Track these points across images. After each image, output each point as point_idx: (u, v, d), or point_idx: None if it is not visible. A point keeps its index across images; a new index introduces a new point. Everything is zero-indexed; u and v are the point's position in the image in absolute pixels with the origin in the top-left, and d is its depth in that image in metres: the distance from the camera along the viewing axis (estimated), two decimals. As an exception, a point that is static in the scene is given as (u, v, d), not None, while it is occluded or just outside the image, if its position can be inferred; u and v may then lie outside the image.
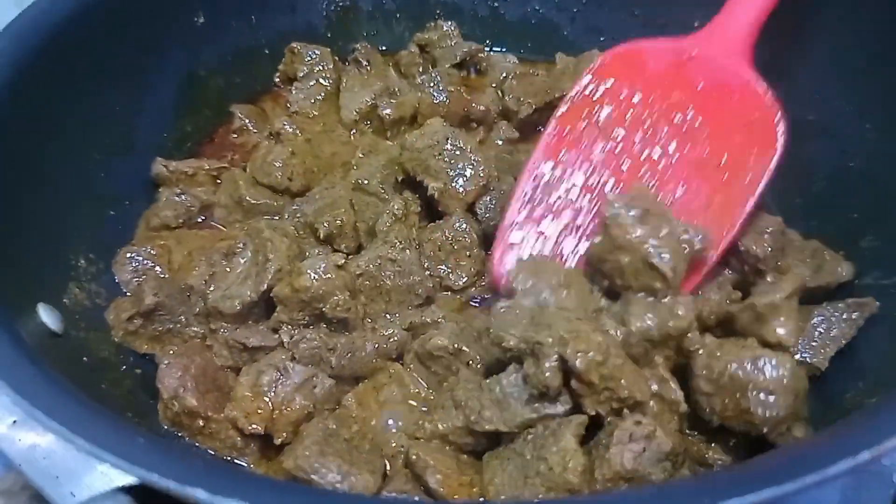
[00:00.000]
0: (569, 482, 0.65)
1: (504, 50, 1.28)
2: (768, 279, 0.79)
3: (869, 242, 0.86)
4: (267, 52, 1.21)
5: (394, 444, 0.77)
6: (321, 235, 0.92)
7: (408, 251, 0.88)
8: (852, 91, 0.93)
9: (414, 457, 0.71)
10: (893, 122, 0.86)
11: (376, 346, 0.84)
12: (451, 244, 0.92)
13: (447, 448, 0.75)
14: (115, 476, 0.75)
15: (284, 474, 0.72)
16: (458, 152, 0.94)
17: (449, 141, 0.95)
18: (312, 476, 0.70)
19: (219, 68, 1.15)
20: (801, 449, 0.55)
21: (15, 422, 0.80)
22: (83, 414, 0.57)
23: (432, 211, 0.96)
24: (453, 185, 0.94)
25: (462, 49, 1.20)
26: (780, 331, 0.73)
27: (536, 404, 0.70)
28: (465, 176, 0.94)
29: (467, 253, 0.93)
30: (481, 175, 0.94)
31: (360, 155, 1.06)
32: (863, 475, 0.81)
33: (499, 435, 0.72)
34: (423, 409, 0.80)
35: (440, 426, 0.75)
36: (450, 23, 1.23)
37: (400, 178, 0.99)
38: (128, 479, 0.74)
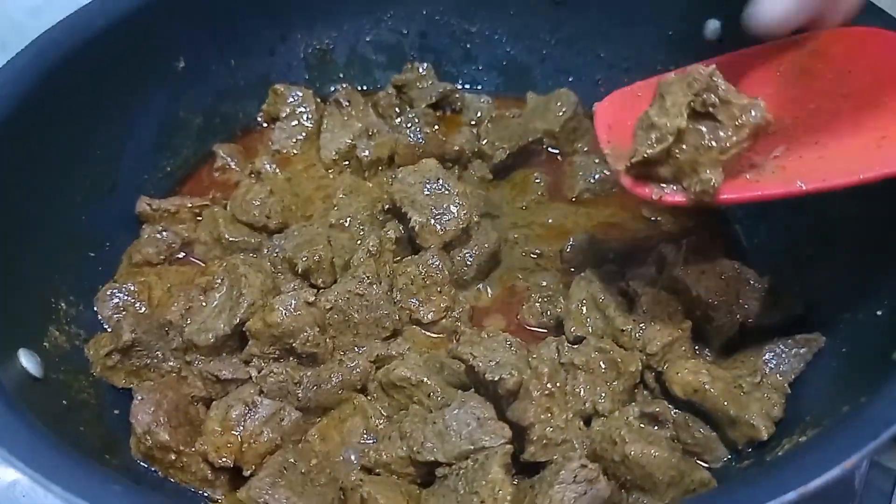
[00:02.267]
0: None
1: (478, 88, 1.31)
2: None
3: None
4: (247, 93, 1.23)
5: (353, 478, 0.79)
6: (299, 270, 0.94)
7: (375, 286, 0.91)
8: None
9: (365, 494, 0.73)
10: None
11: (341, 377, 0.87)
12: (423, 279, 0.95)
13: (396, 480, 0.77)
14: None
15: None
16: (445, 192, 0.99)
17: (440, 181, 0.99)
18: None
19: (199, 110, 1.17)
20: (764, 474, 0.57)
21: (-5, 460, 0.81)
22: (60, 461, 0.59)
23: (415, 245, 0.99)
24: (434, 221, 0.97)
25: (437, 90, 1.24)
26: None
27: (475, 436, 0.73)
28: (447, 215, 0.97)
29: (438, 289, 0.95)
30: (462, 218, 0.97)
31: (342, 195, 1.07)
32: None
33: (437, 468, 0.75)
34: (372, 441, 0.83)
35: (384, 455, 0.77)
36: (425, 64, 1.26)
37: (386, 207, 1.02)
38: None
